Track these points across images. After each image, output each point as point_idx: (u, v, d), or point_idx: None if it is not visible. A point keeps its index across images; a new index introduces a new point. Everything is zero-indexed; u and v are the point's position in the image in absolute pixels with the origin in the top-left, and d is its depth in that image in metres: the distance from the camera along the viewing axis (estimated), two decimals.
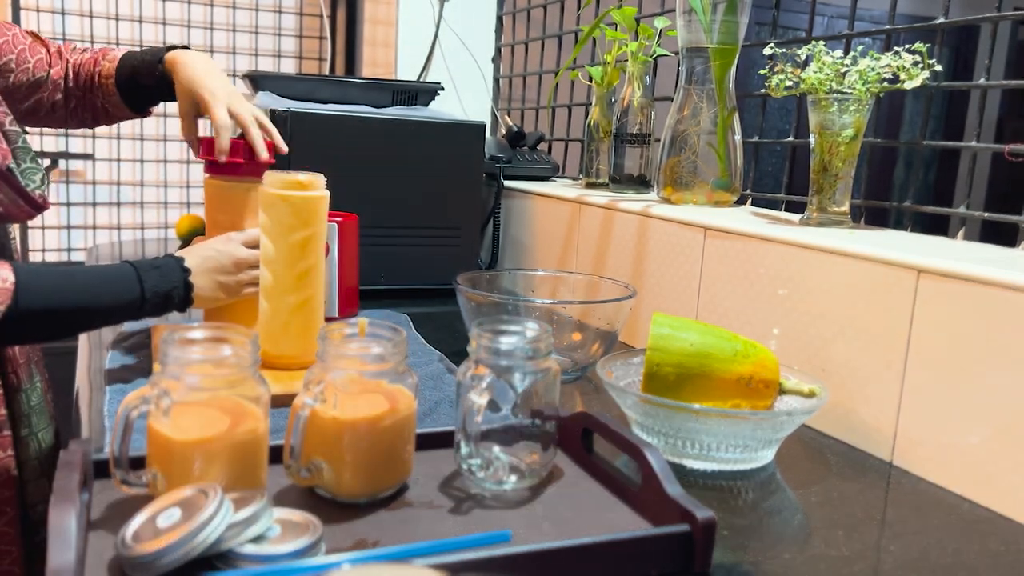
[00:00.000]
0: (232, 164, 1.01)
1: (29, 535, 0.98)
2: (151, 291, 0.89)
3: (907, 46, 0.97)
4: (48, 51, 1.13)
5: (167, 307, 0.92)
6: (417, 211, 1.49)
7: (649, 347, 0.84)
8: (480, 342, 0.70)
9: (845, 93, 0.99)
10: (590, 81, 1.56)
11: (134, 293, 0.89)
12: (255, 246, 0.99)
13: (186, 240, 2.06)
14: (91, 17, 2.09)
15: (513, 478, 0.71)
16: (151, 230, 2.27)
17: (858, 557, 0.66)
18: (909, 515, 0.75)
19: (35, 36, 1.12)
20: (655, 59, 1.43)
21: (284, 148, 1.06)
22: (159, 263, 0.92)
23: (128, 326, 1.16)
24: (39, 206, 0.98)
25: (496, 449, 0.71)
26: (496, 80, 2.16)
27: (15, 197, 0.93)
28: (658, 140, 1.34)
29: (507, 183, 1.69)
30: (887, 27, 1.10)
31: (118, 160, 2.21)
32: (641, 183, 1.45)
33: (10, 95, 1.07)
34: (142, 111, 1.19)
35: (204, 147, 1.02)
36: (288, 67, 2.29)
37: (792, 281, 0.97)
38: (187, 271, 0.93)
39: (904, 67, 0.96)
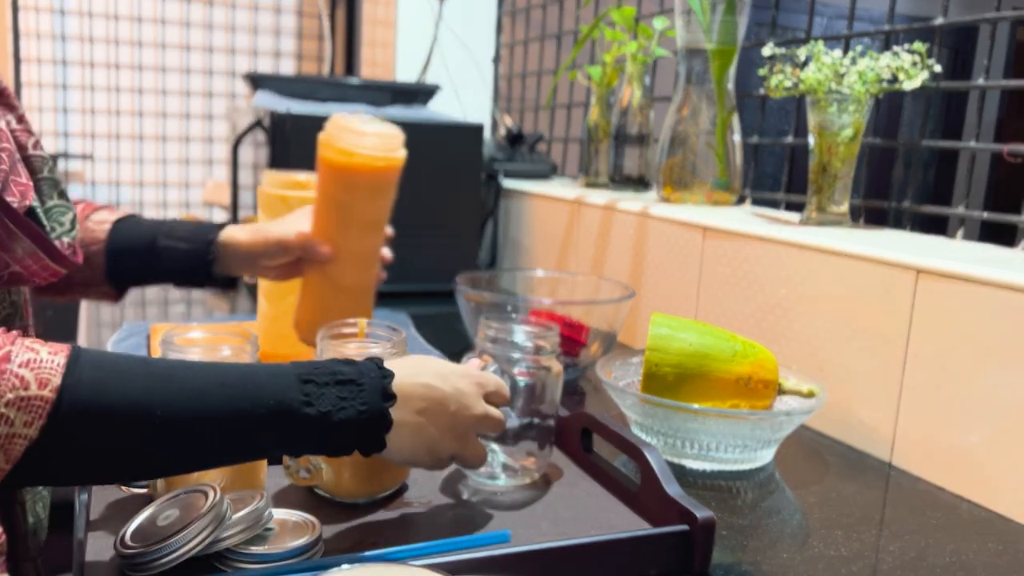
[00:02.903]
0: None
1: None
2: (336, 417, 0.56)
3: (906, 46, 0.97)
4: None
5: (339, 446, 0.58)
6: (416, 212, 1.49)
7: (648, 347, 0.84)
8: (487, 332, 0.72)
9: (844, 93, 0.99)
10: (589, 81, 1.56)
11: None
12: (498, 401, 0.66)
13: None
14: (91, 16, 2.09)
15: (505, 475, 0.72)
16: None
17: (857, 557, 0.66)
18: (907, 515, 0.75)
19: None
20: (654, 59, 1.43)
21: None
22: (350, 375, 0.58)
23: (128, 326, 1.16)
24: (67, 261, 0.67)
25: (493, 445, 0.72)
26: (496, 80, 2.16)
27: (35, 250, 0.63)
28: (657, 140, 1.34)
29: (506, 183, 1.69)
30: (886, 27, 1.10)
31: (117, 160, 2.21)
32: (640, 183, 1.45)
33: None
34: (123, 289, 0.91)
35: None
36: (287, 67, 2.29)
37: (791, 281, 0.97)
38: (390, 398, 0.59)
39: (903, 67, 0.96)
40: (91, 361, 0.51)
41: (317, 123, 1.41)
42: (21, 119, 0.72)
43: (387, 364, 0.60)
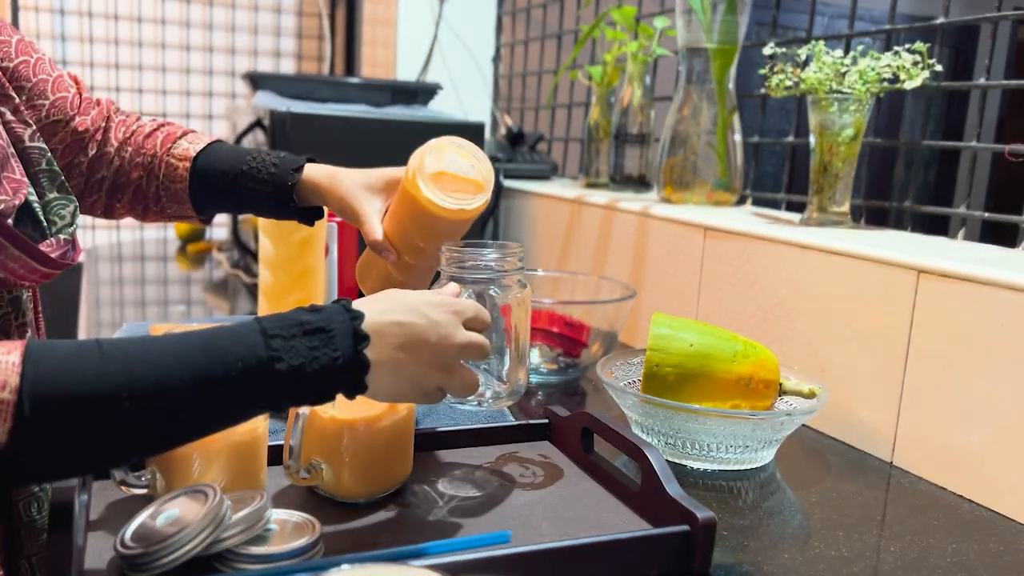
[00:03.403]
0: None
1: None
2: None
3: (907, 46, 0.97)
4: (80, 95, 0.83)
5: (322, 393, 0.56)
6: None
7: (649, 347, 0.84)
8: (451, 256, 0.72)
9: (845, 93, 0.99)
10: (590, 81, 1.56)
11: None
12: (479, 326, 0.64)
13: (186, 239, 2.06)
14: (90, 16, 2.09)
15: (491, 399, 0.73)
16: (151, 230, 2.27)
17: (858, 557, 0.66)
18: (909, 515, 0.75)
19: (76, 81, 0.84)
20: (655, 59, 1.43)
21: None
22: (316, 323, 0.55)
23: (128, 326, 1.16)
24: (57, 263, 0.62)
25: (475, 370, 0.70)
26: (496, 80, 2.16)
27: (21, 256, 0.59)
28: (658, 140, 1.34)
29: (507, 183, 1.69)
30: (887, 27, 1.10)
31: None
32: (641, 183, 1.45)
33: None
34: (207, 213, 0.90)
35: None
36: (287, 67, 2.29)
37: (792, 281, 0.97)
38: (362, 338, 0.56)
39: (904, 67, 0.96)
40: (46, 354, 0.48)
41: (317, 123, 1.41)
42: (16, 110, 0.69)
43: (355, 304, 0.58)
